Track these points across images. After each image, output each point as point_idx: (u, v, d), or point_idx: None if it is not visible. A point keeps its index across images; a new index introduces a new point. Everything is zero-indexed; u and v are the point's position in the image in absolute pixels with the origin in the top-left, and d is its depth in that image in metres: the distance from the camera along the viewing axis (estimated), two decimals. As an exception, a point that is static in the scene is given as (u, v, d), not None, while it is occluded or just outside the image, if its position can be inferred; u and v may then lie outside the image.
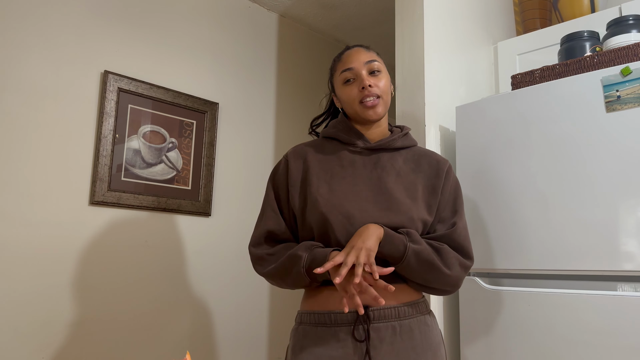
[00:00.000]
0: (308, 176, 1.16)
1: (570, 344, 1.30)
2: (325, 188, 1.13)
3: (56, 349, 1.75)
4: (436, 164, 1.21)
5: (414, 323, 1.10)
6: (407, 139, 1.23)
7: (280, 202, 1.18)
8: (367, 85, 1.14)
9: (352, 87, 1.16)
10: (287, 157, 1.21)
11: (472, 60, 1.99)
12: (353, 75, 1.16)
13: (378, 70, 1.17)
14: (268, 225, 1.16)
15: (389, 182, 1.14)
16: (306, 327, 1.12)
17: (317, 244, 1.09)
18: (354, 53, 1.19)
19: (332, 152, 1.20)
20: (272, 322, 2.44)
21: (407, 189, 1.14)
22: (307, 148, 1.22)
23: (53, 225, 1.79)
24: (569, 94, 1.40)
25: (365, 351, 1.05)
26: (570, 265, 1.34)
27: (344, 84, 1.18)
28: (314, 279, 1.06)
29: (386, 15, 2.72)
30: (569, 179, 1.37)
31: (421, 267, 1.07)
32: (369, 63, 1.17)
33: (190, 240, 2.18)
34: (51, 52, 1.86)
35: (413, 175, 1.17)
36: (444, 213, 1.17)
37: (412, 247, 1.05)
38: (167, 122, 2.15)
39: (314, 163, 1.18)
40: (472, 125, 1.60)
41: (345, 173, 1.15)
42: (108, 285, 1.91)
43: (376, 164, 1.17)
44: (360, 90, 1.15)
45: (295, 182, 1.17)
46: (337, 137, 1.21)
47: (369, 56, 1.18)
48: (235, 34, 2.49)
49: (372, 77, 1.16)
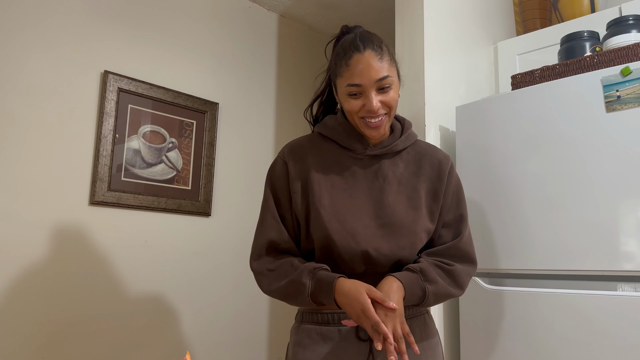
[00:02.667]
0: (309, 182, 1.10)
1: (570, 344, 1.30)
2: (327, 199, 1.09)
3: (56, 349, 1.75)
4: (438, 165, 1.16)
5: (414, 323, 1.10)
6: (408, 139, 1.17)
7: (281, 207, 1.12)
8: (374, 110, 1.05)
9: (357, 101, 1.06)
10: (285, 157, 1.14)
11: (472, 60, 1.99)
12: (360, 91, 1.05)
13: (389, 85, 1.05)
14: (269, 235, 1.10)
15: (390, 195, 1.10)
16: (309, 326, 1.11)
17: (320, 265, 1.05)
18: (365, 66, 1.04)
19: (331, 157, 1.14)
20: (272, 322, 2.44)
21: (410, 198, 1.11)
22: (304, 148, 1.15)
23: (53, 225, 1.79)
24: (569, 94, 1.40)
25: (369, 350, 1.05)
26: (570, 265, 1.34)
27: (349, 95, 1.07)
28: (320, 304, 1.05)
29: (386, 15, 2.72)
30: (569, 179, 1.37)
31: (438, 301, 1.08)
32: (380, 81, 1.04)
33: (190, 240, 2.18)
34: (51, 52, 1.86)
35: (415, 180, 1.13)
36: (448, 217, 1.15)
37: (430, 290, 1.04)
38: (167, 122, 2.15)
39: (315, 168, 1.11)
40: (472, 125, 1.60)
41: (346, 185, 1.11)
42: (108, 285, 1.91)
43: (377, 172, 1.12)
44: (364, 109, 1.06)
45: (297, 188, 1.11)
46: (337, 139, 1.14)
47: (380, 71, 1.04)
48: (235, 34, 2.49)
49: (381, 93, 1.05)
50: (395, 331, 0.95)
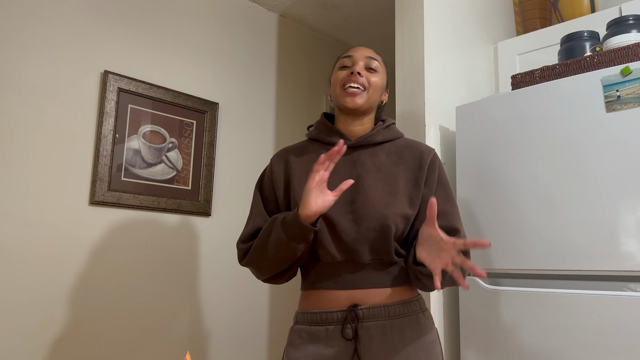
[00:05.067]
0: (290, 179, 1.16)
1: (570, 344, 1.30)
2: None
3: (56, 349, 1.75)
4: (419, 155, 1.17)
5: (406, 322, 1.10)
6: (389, 132, 1.20)
7: (268, 204, 1.19)
8: (356, 72, 1.14)
9: (343, 72, 1.17)
10: (271, 162, 1.23)
11: (472, 60, 1.99)
12: (350, 63, 1.17)
13: (375, 70, 1.17)
14: (256, 223, 1.16)
15: (367, 180, 1.12)
16: (300, 327, 1.13)
17: (284, 213, 1.08)
18: (360, 47, 1.20)
19: (314, 155, 1.19)
20: (272, 322, 2.44)
21: (387, 184, 1.12)
22: (289, 151, 1.23)
23: (53, 225, 1.79)
24: (569, 94, 1.40)
25: (353, 350, 1.05)
26: (570, 265, 1.34)
27: (339, 69, 1.18)
28: (292, 238, 1.03)
29: (386, 15, 2.72)
30: (569, 179, 1.37)
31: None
32: (369, 58, 1.17)
33: (190, 240, 2.18)
34: (51, 52, 1.86)
35: (395, 169, 1.15)
36: (439, 207, 1.14)
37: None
38: (167, 122, 2.15)
39: (295, 165, 1.18)
40: (472, 125, 1.60)
41: None
42: (108, 286, 1.91)
43: (356, 161, 1.15)
44: (348, 75, 1.15)
45: (280, 185, 1.18)
46: (319, 138, 1.21)
47: (372, 54, 1.19)
48: (235, 34, 2.49)
49: (367, 71, 1.16)
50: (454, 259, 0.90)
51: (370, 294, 1.09)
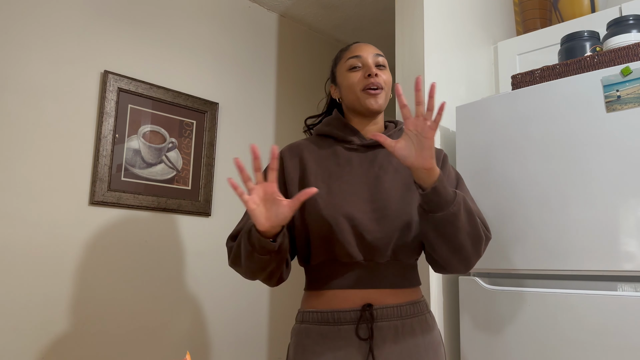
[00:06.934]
0: (306, 175, 1.14)
1: (571, 344, 1.30)
2: (323, 188, 1.12)
3: (56, 349, 1.75)
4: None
5: (416, 322, 1.10)
6: (401, 134, 1.19)
7: None
8: (373, 73, 1.14)
9: (357, 74, 1.16)
10: (282, 154, 1.19)
11: (472, 60, 1.99)
12: (360, 63, 1.16)
13: (384, 66, 1.18)
14: (247, 220, 1.12)
15: (386, 181, 1.13)
16: (309, 326, 1.11)
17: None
18: (364, 45, 1.20)
19: (328, 150, 1.18)
20: (272, 322, 2.44)
21: (406, 184, 1.14)
22: (302, 145, 1.20)
23: (53, 225, 1.79)
24: (569, 94, 1.40)
25: (368, 349, 1.05)
26: (570, 265, 1.34)
27: (349, 70, 1.17)
28: (255, 250, 0.97)
29: (386, 15, 2.72)
30: (569, 179, 1.37)
31: (467, 217, 1.01)
32: (377, 56, 1.18)
33: (190, 240, 2.18)
34: (51, 52, 1.86)
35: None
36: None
37: (460, 194, 1.00)
38: (167, 122, 2.15)
39: (311, 161, 1.16)
40: (472, 125, 1.60)
41: (342, 172, 1.14)
42: (108, 286, 1.91)
43: (373, 161, 1.16)
44: (365, 77, 1.14)
45: (293, 181, 1.15)
46: (332, 134, 1.19)
47: (377, 50, 1.20)
48: (235, 34, 2.49)
49: (378, 69, 1.16)
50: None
51: (384, 294, 1.09)
